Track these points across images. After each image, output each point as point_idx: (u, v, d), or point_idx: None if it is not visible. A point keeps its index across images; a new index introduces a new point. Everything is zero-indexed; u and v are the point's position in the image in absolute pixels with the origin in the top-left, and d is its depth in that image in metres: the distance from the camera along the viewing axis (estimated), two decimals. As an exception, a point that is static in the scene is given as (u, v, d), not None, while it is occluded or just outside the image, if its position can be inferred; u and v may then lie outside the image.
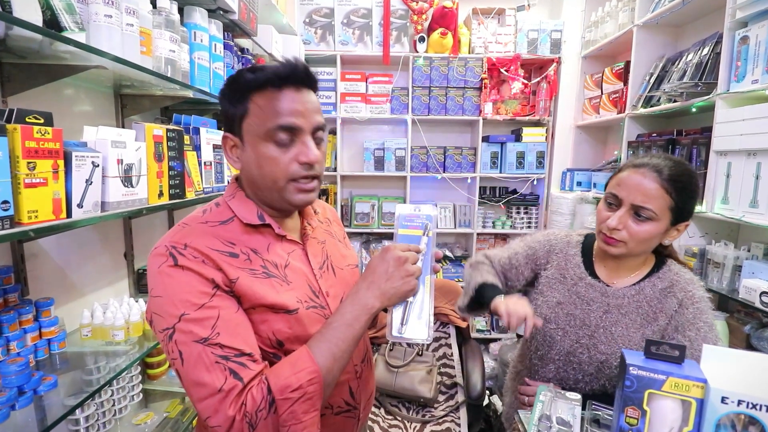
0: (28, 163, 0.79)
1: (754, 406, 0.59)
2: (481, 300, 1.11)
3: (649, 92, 2.07)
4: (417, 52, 2.79)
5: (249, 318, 0.69)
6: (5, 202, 0.75)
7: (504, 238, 3.12)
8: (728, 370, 0.63)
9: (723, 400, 0.60)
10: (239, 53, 1.78)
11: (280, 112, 0.70)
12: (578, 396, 0.86)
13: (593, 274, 1.10)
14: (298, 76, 0.71)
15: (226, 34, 1.63)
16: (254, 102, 0.71)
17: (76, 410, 1.15)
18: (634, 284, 1.05)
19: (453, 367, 2.08)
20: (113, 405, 1.35)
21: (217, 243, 0.70)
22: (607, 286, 1.07)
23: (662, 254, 1.09)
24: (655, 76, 2.08)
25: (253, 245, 0.74)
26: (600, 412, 0.86)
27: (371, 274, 0.73)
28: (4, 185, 0.75)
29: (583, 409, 0.88)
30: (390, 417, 1.93)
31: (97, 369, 1.11)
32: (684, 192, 0.94)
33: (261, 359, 0.67)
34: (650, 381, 0.65)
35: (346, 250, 0.94)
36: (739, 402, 0.60)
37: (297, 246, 0.80)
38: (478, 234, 2.98)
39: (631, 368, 0.66)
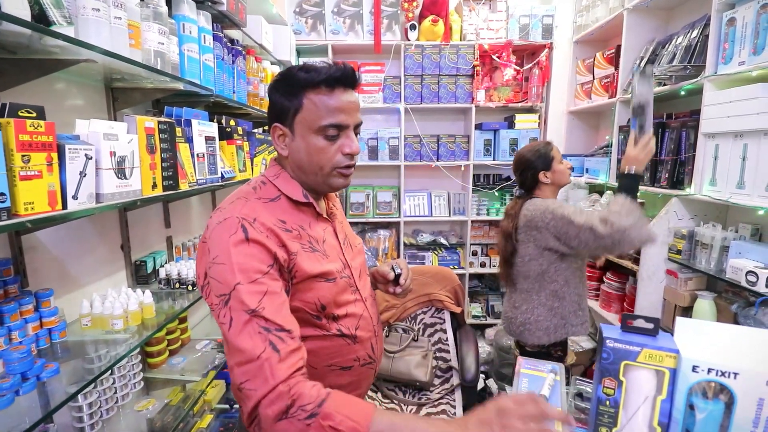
0: (23, 156, 0.81)
1: (722, 374, 0.62)
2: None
3: (639, 76, 2.07)
4: (408, 40, 2.79)
5: (299, 287, 0.80)
6: (1, 194, 0.77)
7: (498, 225, 3.15)
8: (700, 341, 0.66)
9: (694, 368, 0.63)
10: (229, 44, 1.78)
11: (332, 111, 0.80)
12: (553, 369, 0.89)
13: None
14: (348, 78, 0.81)
15: (215, 25, 1.63)
16: (308, 98, 0.80)
17: (79, 397, 1.19)
18: None
19: (448, 352, 2.13)
20: (115, 392, 1.39)
21: (275, 219, 0.79)
22: None
23: None
24: (645, 59, 2.09)
25: (300, 222, 0.84)
26: (584, 387, 0.90)
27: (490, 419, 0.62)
28: (0, 178, 0.76)
29: (568, 384, 0.92)
30: (387, 401, 1.97)
31: (98, 357, 1.14)
32: None
33: (299, 337, 0.72)
34: (626, 353, 0.68)
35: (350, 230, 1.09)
36: (709, 370, 0.62)
37: (328, 224, 0.93)
38: (472, 221, 3.01)
39: (607, 341, 0.69)
